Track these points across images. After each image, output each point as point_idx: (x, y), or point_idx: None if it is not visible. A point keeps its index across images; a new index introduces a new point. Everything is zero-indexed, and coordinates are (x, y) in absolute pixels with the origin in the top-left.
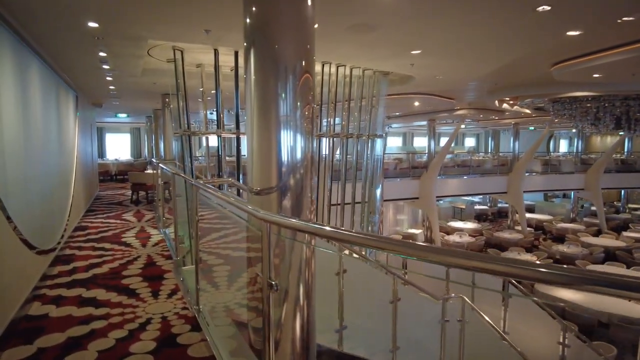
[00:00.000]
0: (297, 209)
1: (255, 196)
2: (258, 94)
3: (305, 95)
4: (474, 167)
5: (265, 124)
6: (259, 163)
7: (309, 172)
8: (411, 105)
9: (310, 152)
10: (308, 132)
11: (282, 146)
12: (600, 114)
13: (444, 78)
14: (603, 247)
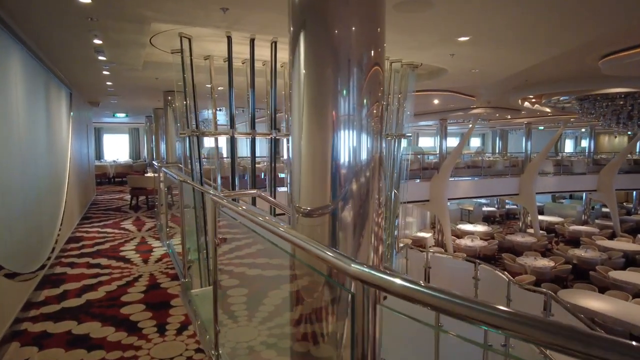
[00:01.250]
0: (363, 238)
1: (305, 218)
2: (310, 90)
3: (374, 92)
4: (485, 168)
5: (320, 127)
6: (311, 175)
7: (376, 188)
8: (430, 103)
9: (377, 163)
10: (376, 135)
11: (342, 154)
12: (635, 112)
13: (479, 72)
14: (622, 252)
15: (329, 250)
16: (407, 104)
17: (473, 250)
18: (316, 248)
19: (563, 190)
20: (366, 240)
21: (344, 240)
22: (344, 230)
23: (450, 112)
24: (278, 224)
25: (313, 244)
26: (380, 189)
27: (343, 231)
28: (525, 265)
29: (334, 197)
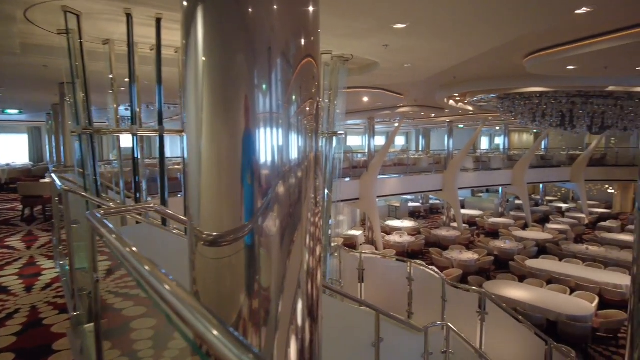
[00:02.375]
0: (291, 258)
1: (209, 248)
2: (213, 83)
3: (307, 87)
4: (410, 165)
5: (229, 127)
6: (216, 187)
7: (312, 187)
8: (359, 101)
9: (312, 162)
10: (310, 134)
11: (262, 157)
12: (548, 111)
13: (412, 67)
14: (534, 241)
15: (220, 332)
16: (338, 101)
17: (402, 246)
18: (201, 324)
19: (482, 185)
20: (296, 258)
21: (266, 271)
22: (266, 258)
23: (378, 110)
24: (164, 277)
25: (199, 315)
26: (317, 187)
27: (265, 259)
28: (452, 259)
29: (252, 213)
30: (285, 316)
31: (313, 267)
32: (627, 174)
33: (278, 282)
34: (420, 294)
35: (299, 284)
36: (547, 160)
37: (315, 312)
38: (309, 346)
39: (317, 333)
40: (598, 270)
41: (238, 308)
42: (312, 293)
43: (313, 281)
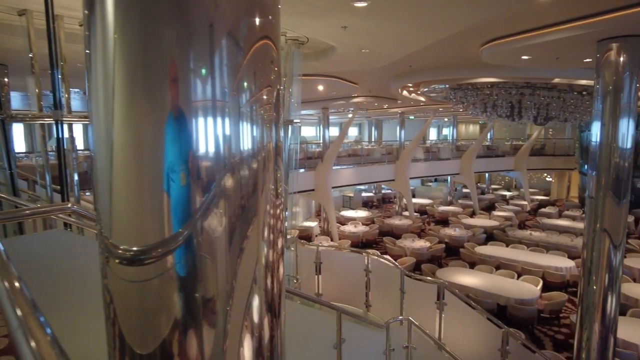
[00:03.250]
0: (241, 263)
1: (127, 267)
2: (132, 67)
3: (263, 73)
4: (364, 156)
5: (152, 116)
6: (136, 187)
7: (270, 179)
8: (314, 90)
9: (272, 152)
10: (268, 123)
11: (201, 150)
12: (498, 102)
13: (370, 52)
14: (482, 228)
15: None
16: (293, 88)
17: (357, 236)
18: None
19: (432, 175)
20: (251, 254)
21: (211, 280)
22: (210, 264)
23: (333, 100)
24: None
25: None
26: (277, 178)
27: (209, 266)
28: (405, 247)
29: (189, 215)
30: (237, 318)
31: (273, 260)
32: (564, 162)
33: (227, 286)
34: (378, 284)
35: (255, 280)
36: (492, 150)
37: (277, 307)
38: (269, 342)
39: (279, 328)
40: (541, 254)
41: (170, 331)
42: (272, 287)
43: (274, 275)
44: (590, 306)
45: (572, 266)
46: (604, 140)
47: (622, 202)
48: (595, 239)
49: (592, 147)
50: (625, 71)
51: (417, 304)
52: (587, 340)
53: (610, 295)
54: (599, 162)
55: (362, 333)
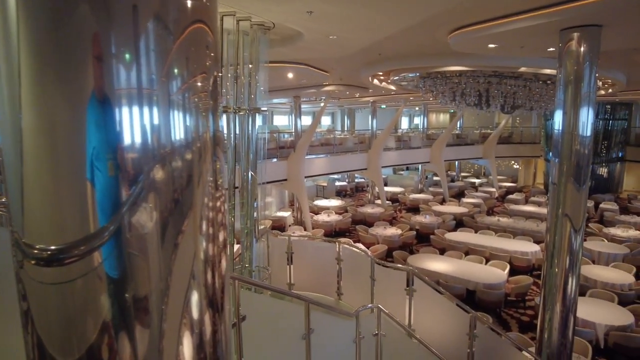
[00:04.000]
0: (177, 255)
1: (45, 269)
2: (38, 49)
3: (197, 59)
4: (337, 145)
5: (71, 103)
6: (51, 177)
7: (208, 170)
8: (283, 77)
9: (209, 143)
10: (204, 112)
11: (126, 140)
12: (467, 90)
13: (337, 39)
14: (452, 215)
15: None
16: (259, 75)
17: (330, 225)
18: None
19: (403, 163)
20: (187, 249)
21: (142, 278)
22: (140, 262)
23: (304, 88)
24: None
25: None
26: (216, 170)
27: (139, 264)
28: (377, 235)
29: (115, 209)
30: (174, 316)
31: (214, 254)
32: (530, 150)
33: (161, 284)
34: (349, 272)
35: (194, 276)
36: (462, 138)
37: (219, 302)
38: (211, 338)
39: (222, 323)
40: (508, 239)
41: (98, 335)
42: (212, 282)
43: (214, 270)
44: (552, 288)
45: (537, 250)
46: (565, 128)
47: (582, 187)
48: (557, 223)
49: (554, 135)
50: (586, 61)
51: (388, 291)
52: (549, 320)
53: (571, 277)
54: (561, 150)
55: (332, 322)
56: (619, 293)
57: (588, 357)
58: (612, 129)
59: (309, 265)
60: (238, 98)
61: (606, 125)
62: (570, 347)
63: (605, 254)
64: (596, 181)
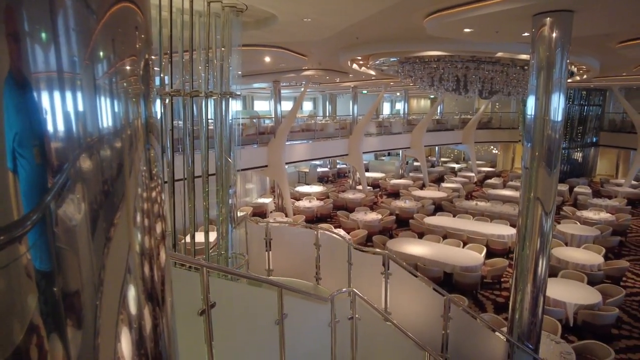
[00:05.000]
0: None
1: None
2: None
3: (125, 41)
4: (318, 131)
5: None
6: None
7: (140, 159)
8: (260, 61)
9: (141, 130)
10: (134, 97)
11: (49, 135)
12: (445, 75)
13: (312, 22)
14: (431, 199)
15: None
16: (233, 59)
17: (311, 211)
18: None
19: (384, 149)
20: (121, 241)
21: (72, 272)
22: (70, 254)
23: (283, 73)
24: None
25: None
26: (151, 159)
27: (69, 256)
28: (358, 220)
29: (37, 199)
30: (110, 312)
31: (151, 247)
32: (508, 135)
33: (94, 279)
34: (328, 257)
35: (129, 270)
36: (442, 124)
37: (159, 295)
38: (152, 333)
39: (164, 316)
40: (485, 223)
41: (25, 337)
42: (151, 275)
43: (152, 262)
44: (524, 269)
45: (513, 233)
46: (537, 113)
47: (553, 172)
48: (529, 207)
49: (527, 121)
50: (558, 46)
51: (365, 275)
52: (520, 301)
53: (541, 259)
54: (533, 135)
55: (308, 307)
56: (589, 273)
57: (558, 334)
58: (587, 115)
59: (288, 251)
60: (211, 82)
61: (581, 111)
62: (539, 326)
63: (578, 236)
64: (571, 166)
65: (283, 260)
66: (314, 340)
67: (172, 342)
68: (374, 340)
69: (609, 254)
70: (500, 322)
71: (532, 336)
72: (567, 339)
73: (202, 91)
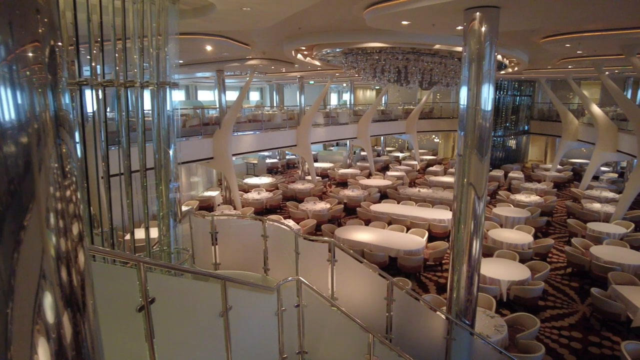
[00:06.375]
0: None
1: None
2: None
3: (24, 26)
4: (265, 121)
5: None
6: None
7: (51, 155)
8: (202, 50)
9: (49, 123)
10: (39, 88)
11: None
12: (387, 67)
13: (252, 11)
14: (377, 188)
15: None
16: (169, 47)
17: (260, 203)
18: None
19: (332, 139)
20: (33, 246)
21: None
22: None
23: (226, 62)
24: None
25: None
26: (63, 155)
27: None
28: (307, 210)
29: None
30: (23, 321)
31: (68, 249)
32: (449, 125)
33: (3, 286)
34: (276, 248)
35: (44, 275)
36: (386, 114)
37: (79, 300)
38: (73, 340)
39: (86, 322)
40: (427, 208)
41: None
42: (69, 280)
43: (70, 266)
44: (460, 251)
45: None
46: (469, 103)
47: (484, 158)
48: (463, 192)
49: (460, 110)
50: (487, 40)
51: (313, 263)
52: (457, 280)
53: (475, 240)
54: (466, 124)
55: (254, 298)
56: (520, 252)
57: (493, 309)
58: (519, 105)
59: (236, 244)
60: (146, 72)
61: (514, 101)
62: (475, 303)
63: (511, 218)
64: (506, 152)
65: (231, 253)
66: (261, 330)
67: (97, 349)
68: (321, 326)
69: (537, 233)
70: (441, 301)
71: (468, 313)
72: (501, 313)
73: (137, 81)
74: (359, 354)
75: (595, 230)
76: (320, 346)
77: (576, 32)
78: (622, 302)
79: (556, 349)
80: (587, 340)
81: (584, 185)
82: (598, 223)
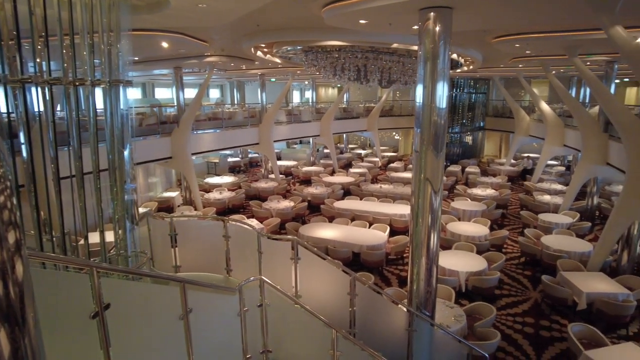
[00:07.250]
0: None
1: None
2: None
3: None
4: (226, 119)
5: None
6: None
7: None
8: (158, 47)
9: None
10: None
11: None
12: (346, 65)
13: (207, 8)
14: (341, 185)
15: None
16: (122, 44)
17: (222, 203)
18: None
19: (295, 137)
20: None
21: None
22: None
23: (184, 59)
24: None
25: None
26: None
27: None
28: (271, 209)
29: None
30: None
31: (3, 259)
32: (408, 122)
33: None
34: (239, 248)
35: None
36: (348, 112)
37: (18, 314)
38: (12, 357)
39: (27, 337)
40: (388, 204)
41: None
42: (5, 293)
43: (6, 277)
44: (418, 244)
45: None
46: (425, 101)
47: (440, 154)
48: (420, 187)
49: (416, 108)
50: (441, 39)
51: (276, 262)
52: (417, 273)
53: (433, 233)
54: (422, 121)
55: (215, 299)
56: (477, 244)
57: (452, 300)
58: (475, 102)
59: (197, 245)
60: (98, 69)
61: (470, 99)
62: (434, 294)
63: (468, 211)
64: (463, 148)
65: (192, 255)
66: (224, 331)
67: None
68: (285, 324)
69: (493, 225)
70: (402, 294)
71: (428, 304)
72: (460, 304)
73: (88, 79)
74: (323, 350)
75: (545, 220)
76: (284, 344)
77: (524, 33)
78: (569, 287)
79: (511, 334)
80: (538, 324)
81: (535, 178)
82: (548, 214)
